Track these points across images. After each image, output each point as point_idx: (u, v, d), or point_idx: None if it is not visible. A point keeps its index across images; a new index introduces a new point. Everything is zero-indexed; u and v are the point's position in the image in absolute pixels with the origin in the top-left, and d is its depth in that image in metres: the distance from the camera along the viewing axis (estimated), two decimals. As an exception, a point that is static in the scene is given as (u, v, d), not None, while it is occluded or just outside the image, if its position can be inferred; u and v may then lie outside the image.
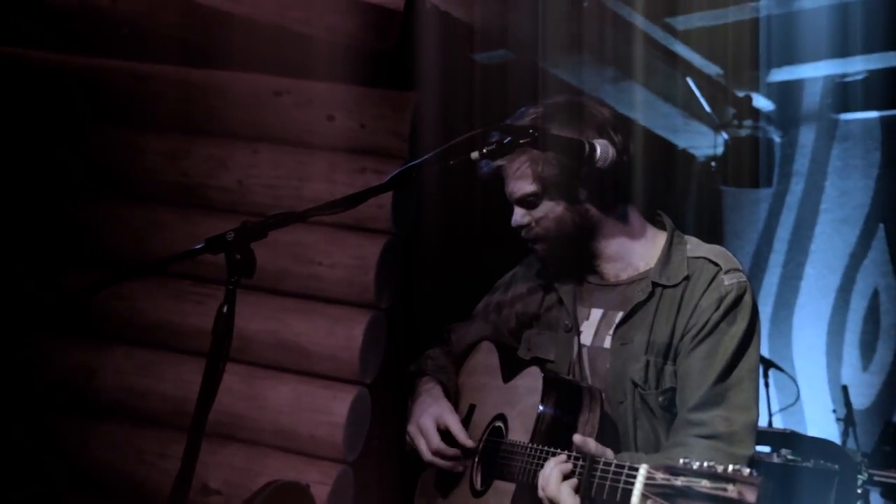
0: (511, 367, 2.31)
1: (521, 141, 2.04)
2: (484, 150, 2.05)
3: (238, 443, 3.42)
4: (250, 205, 3.50)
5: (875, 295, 5.22)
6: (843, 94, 5.43)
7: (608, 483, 1.76)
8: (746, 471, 1.48)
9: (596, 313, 2.25)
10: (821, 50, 4.99)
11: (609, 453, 1.91)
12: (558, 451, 1.94)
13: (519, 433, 2.11)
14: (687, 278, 2.16)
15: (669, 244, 2.23)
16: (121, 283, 2.03)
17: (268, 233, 1.85)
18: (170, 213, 3.62)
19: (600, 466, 1.80)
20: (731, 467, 1.50)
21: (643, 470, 1.63)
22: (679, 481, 1.54)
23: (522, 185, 2.17)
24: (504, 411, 2.23)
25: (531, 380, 2.16)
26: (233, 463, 3.37)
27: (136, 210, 3.67)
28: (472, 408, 2.39)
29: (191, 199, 3.61)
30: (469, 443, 2.22)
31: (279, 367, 3.45)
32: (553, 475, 1.88)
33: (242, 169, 3.55)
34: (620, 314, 2.20)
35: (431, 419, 2.26)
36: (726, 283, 2.12)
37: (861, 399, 4.93)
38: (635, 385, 2.13)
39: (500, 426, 2.23)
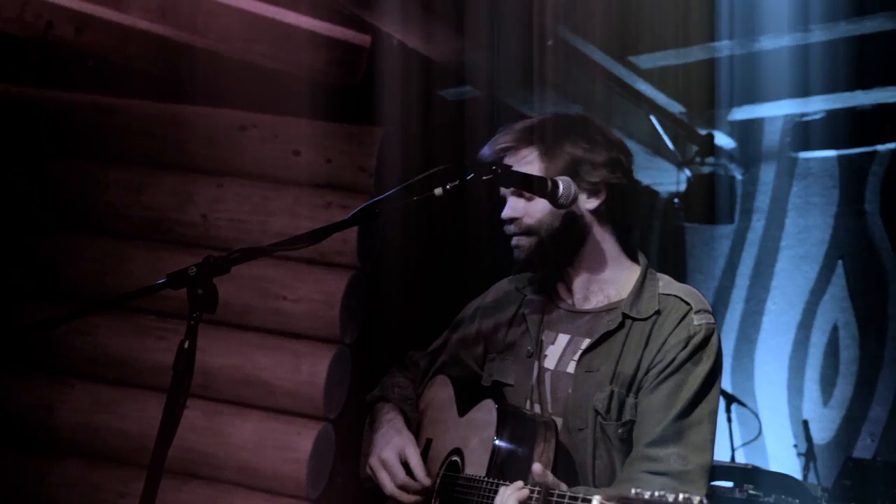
0: (466, 401, 2.30)
1: (483, 178, 2.08)
2: (447, 187, 2.07)
3: (200, 480, 3.38)
4: (215, 239, 3.49)
5: (834, 330, 5.29)
6: (803, 132, 5.53)
7: None
8: (696, 499, 1.49)
9: (563, 339, 2.26)
10: (781, 90, 5.08)
11: (563, 486, 1.91)
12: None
13: (475, 467, 2.11)
14: (658, 313, 2.17)
15: (643, 278, 2.24)
16: (81, 318, 2.01)
17: (231, 268, 1.84)
18: (133, 248, 3.60)
19: (555, 496, 1.80)
20: (681, 496, 1.50)
21: (596, 500, 1.64)
22: None
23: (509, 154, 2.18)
24: (460, 446, 2.23)
25: (486, 413, 2.16)
26: (195, 501, 3.33)
27: (98, 244, 3.64)
28: (429, 442, 2.38)
29: (155, 233, 3.59)
30: (426, 481, 2.19)
31: (243, 402, 3.42)
32: (509, 501, 1.88)
33: (207, 203, 3.54)
34: (587, 341, 2.20)
35: (394, 452, 2.24)
36: (695, 322, 2.14)
37: (822, 434, 4.98)
38: (597, 414, 2.12)
39: (456, 461, 2.22)
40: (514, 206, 2.19)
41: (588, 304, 2.26)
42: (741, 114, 5.42)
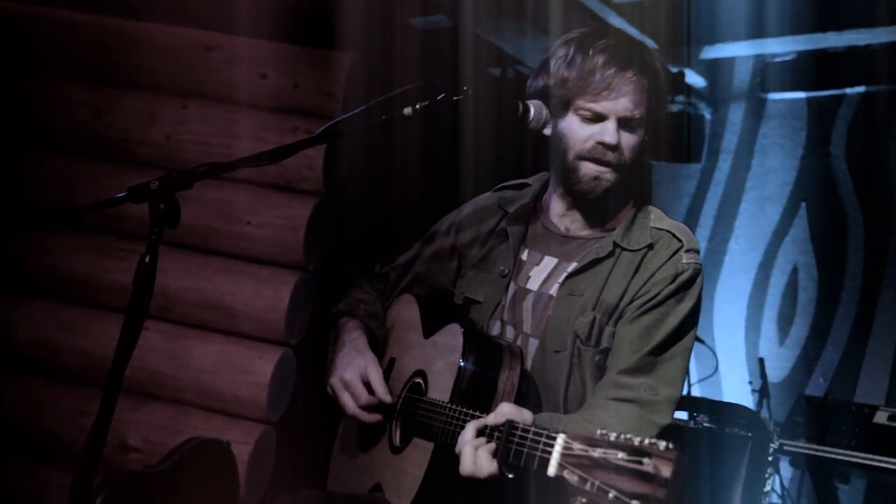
0: (432, 322, 2.30)
1: (454, 98, 2.06)
2: (417, 106, 2.05)
3: (159, 401, 3.39)
4: (179, 161, 3.43)
5: (794, 271, 5.36)
6: (773, 73, 5.52)
7: (525, 450, 1.76)
8: (663, 444, 1.49)
9: (549, 261, 2.26)
10: (753, 29, 5.06)
11: (527, 415, 1.92)
12: (477, 413, 1.94)
13: (438, 391, 2.12)
14: (650, 247, 2.18)
15: (636, 210, 2.25)
16: (41, 232, 1.98)
17: (193, 183, 1.82)
18: (95, 167, 3.54)
19: (518, 433, 1.80)
20: (647, 440, 1.50)
21: (560, 440, 1.64)
22: (596, 452, 1.55)
23: (636, 106, 2.13)
24: (424, 368, 2.23)
25: (451, 337, 2.16)
26: (153, 421, 3.34)
27: (60, 163, 3.58)
28: (392, 361, 2.38)
29: (117, 153, 3.53)
30: (388, 399, 2.21)
31: (204, 326, 3.42)
32: (471, 440, 1.88)
33: (171, 125, 3.48)
34: (574, 265, 2.21)
35: (357, 373, 2.24)
36: (684, 260, 2.16)
37: (776, 372, 5.07)
38: (577, 338, 2.14)
39: (419, 382, 2.23)
40: (616, 134, 2.13)
41: (579, 230, 2.27)
42: (712, 52, 5.40)
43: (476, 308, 2.31)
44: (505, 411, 1.88)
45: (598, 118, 2.12)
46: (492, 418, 1.88)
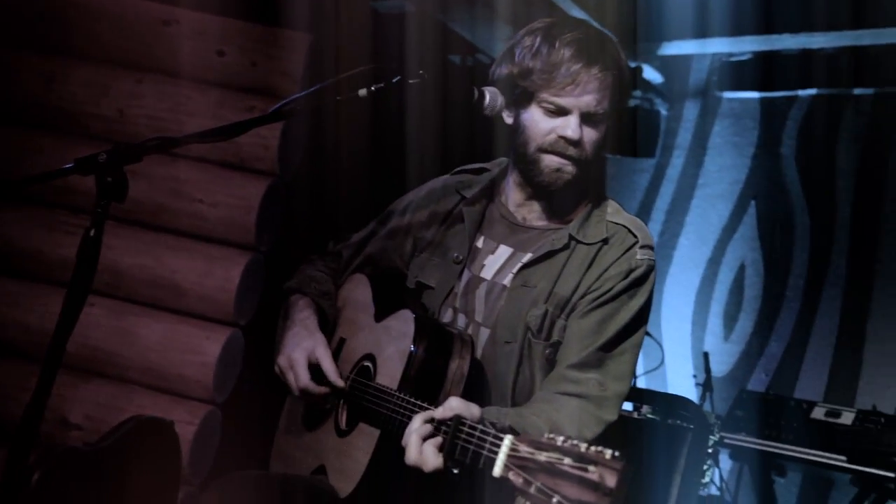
0: (384, 305, 2.30)
1: (409, 81, 2.06)
2: (372, 88, 2.05)
3: (104, 379, 3.35)
4: (131, 135, 3.38)
5: (742, 268, 5.44)
6: (729, 72, 5.59)
7: (472, 448, 1.76)
8: (609, 453, 1.49)
9: (504, 251, 2.26)
10: (711, 27, 5.12)
11: (475, 410, 1.91)
12: (425, 405, 1.94)
13: (387, 377, 2.12)
14: (605, 241, 2.19)
15: (593, 202, 2.26)
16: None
17: (142, 157, 1.79)
18: (45, 139, 3.48)
19: (465, 429, 1.80)
20: (594, 449, 1.51)
21: (507, 441, 1.65)
22: (542, 456, 1.55)
23: (599, 102, 2.12)
24: (373, 351, 2.23)
25: (402, 323, 2.16)
26: (96, 399, 3.30)
27: (8, 133, 3.51)
28: (342, 342, 2.37)
29: (68, 125, 3.47)
30: (339, 383, 2.20)
31: (152, 303, 3.38)
32: (419, 432, 1.88)
33: (124, 98, 3.43)
34: (529, 255, 2.21)
35: (304, 354, 2.23)
36: (638, 256, 2.18)
37: (720, 366, 5.16)
38: (528, 330, 2.15)
39: (368, 366, 2.22)
40: (578, 129, 2.12)
41: (536, 220, 2.26)
42: (670, 49, 5.45)
43: (428, 293, 2.31)
44: (453, 406, 1.88)
45: (562, 112, 2.11)
46: (440, 412, 1.87)
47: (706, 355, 4.67)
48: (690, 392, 4.66)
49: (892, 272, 5.06)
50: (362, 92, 2.02)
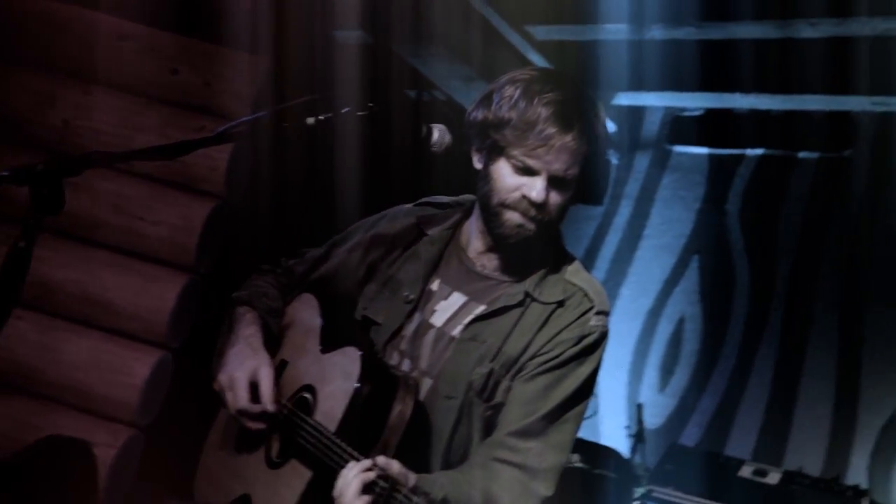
0: (331, 336, 2.22)
1: (358, 113, 2.03)
2: (321, 117, 2.02)
3: (25, 395, 3.25)
4: (74, 147, 3.33)
5: (681, 321, 5.48)
6: (680, 127, 5.67)
7: None
8: None
9: (457, 298, 2.20)
10: (666, 81, 5.20)
11: (412, 479, 1.88)
12: (362, 457, 1.89)
13: (326, 417, 2.06)
14: (561, 303, 2.13)
15: (553, 259, 2.20)
16: None
17: (82, 170, 1.73)
18: (-16, 146, 3.41)
19: (400, 497, 1.77)
20: None
21: None
22: None
23: (569, 167, 2.05)
24: (315, 384, 2.16)
25: (348, 361, 2.09)
26: (14, 415, 3.20)
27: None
28: (284, 364, 2.29)
29: (9, 133, 3.40)
30: (272, 409, 2.11)
31: (82, 320, 3.31)
32: (352, 485, 1.83)
33: (71, 109, 3.38)
34: (482, 308, 2.15)
35: (246, 374, 2.12)
36: (592, 322, 2.12)
37: (654, 419, 5.16)
38: (471, 388, 2.10)
39: (307, 398, 2.16)
40: (545, 192, 2.05)
41: (493, 271, 2.21)
42: (625, 99, 5.51)
43: (375, 329, 2.25)
44: (394, 469, 1.84)
45: (529, 172, 2.05)
46: (376, 472, 1.83)
47: (640, 406, 4.68)
48: (623, 442, 4.66)
49: (824, 335, 5.14)
50: (310, 120, 2.00)
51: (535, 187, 2.05)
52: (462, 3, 4.21)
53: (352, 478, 1.84)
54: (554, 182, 2.06)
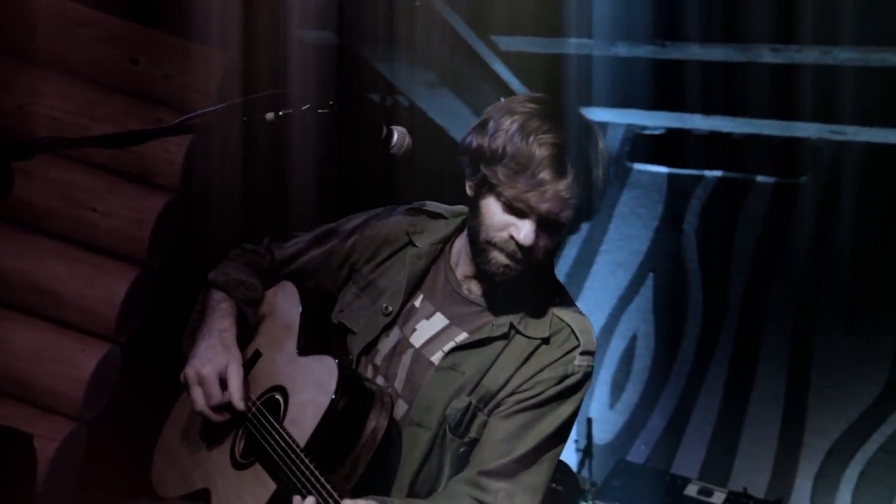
0: (310, 338, 2.16)
1: (319, 111, 1.99)
2: (280, 113, 1.97)
3: (-35, 383, 3.18)
4: (29, 133, 3.25)
5: (633, 338, 5.52)
6: (641, 145, 5.71)
7: None
8: None
9: (439, 320, 2.13)
10: (629, 99, 5.23)
11: None
12: (331, 489, 1.84)
13: (296, 427, 1.99)
14: (546, 341, 2.07)
15: (540, 292, 2.13)
16: None
17: (33, 155, 1.68)
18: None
19: None
20: None
21: None
22: None
23: (561, 210, 1.96)
24: (288, 388, 2.09)
25: (326, 374, 2.01)
26: (-47, 405, 3.12)
27: None
28: (257, 355, 2.23)
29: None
30: (241, 406, 2.05)
31: (28, 310, 3.23)
32: None
33: (26, 95, 3.30)
34: (464, 336, 2.09)
35: (216, 371, 2.05)
36: (576, 362, 2.06)
37: (603, 434, 5.19)
38: (446, 422, 2.04)
39: (278, 401, 2.09)
40: (534, 236, 1.97)
41: (479, 297, 2.13)
42: (588, 114, 5.53)
43: (350, 336, 2.18)
44: None
45: (519, 213, 1.97)
46: None
47: (590, 421, 4.69)
48: (571, 457, 4.67)
49: (774, 358, 5.20)
50: (269, 115, 1.96)
51: (523, 230, 1.97)
52: (428, 10, 4.20)
53: None
54: (544, 225, 1.98)
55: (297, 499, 1.85)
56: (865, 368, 4.93)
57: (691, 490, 4.05)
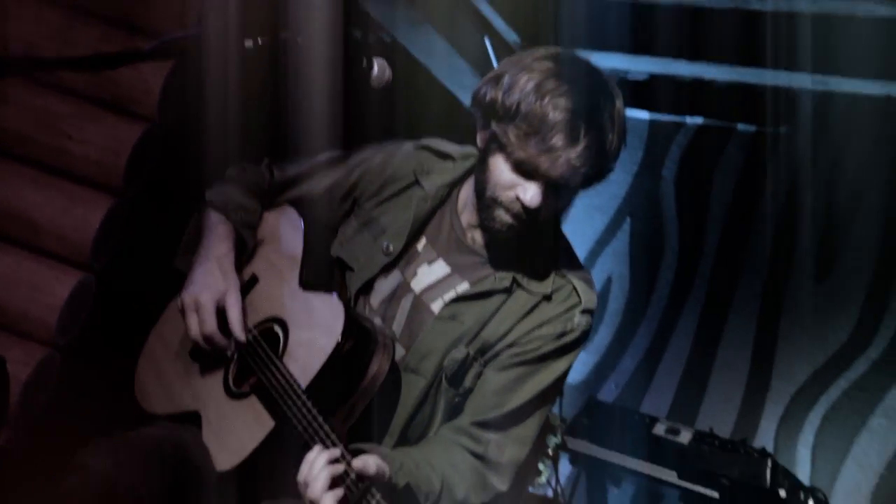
0: (312, 272, 2.13)
1: (297, 39, 1.97)
2: (259, 41, 1.92)
3: (-64, 308, 3.18)
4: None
5: (609, 281, 5.56)
6: (623, 89, 5.68)
7: None
8: None
9: (441, 267, 2.13)
10: (613, 42, 5.20)
11: (385, 470, 1.83)
12: (335, 438, 1.83)
13: (298, 366, 1.98)
14: (548, 298, 2.07)
15: (545, 246, 2.14)
16: None
17: (5, 74, 1.69)
18: None
19: (375, 500, 1.74)
20: None
21: None
22: None
23: (571, 176, 1.94)
24: (288, 321, 2.07)
25: (329, 312, 2.00)
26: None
27: None
28: (254, 280, 2.20)
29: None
30: (242, 338, 2.03)
31: (2, 236, 3.22)
32: (321, 477, 1.77)
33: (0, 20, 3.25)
34: (465, 286, 2.10)
35: (213, 298, 2.04)
36: (576, 320, 2.08)
37: (574, 374, 5.19)
38: (443, 373, 2.05)
39: (277, 334, 2.07)
40: (540, 197, 1.96)
41: (483, 247, 2.13)
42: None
43: (349, 274, 2.17)
44: (370, 469, 1.79)
45: (527, 174, 1.95)
46: (344, 465, 1.78)
47: (562, 361, 4.74)
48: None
49: (747, 304, 5.25)
50: (248, 43, 1.95)
51: (530, 192, 1.95)
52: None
53: (319, 469, 1.78)
54: (552, 188, 1.96)
55: (316, 449, 1.84)
56: (835, 316, 5.00)
57: (659, 429, 4.11)
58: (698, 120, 5.57)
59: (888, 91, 5.02)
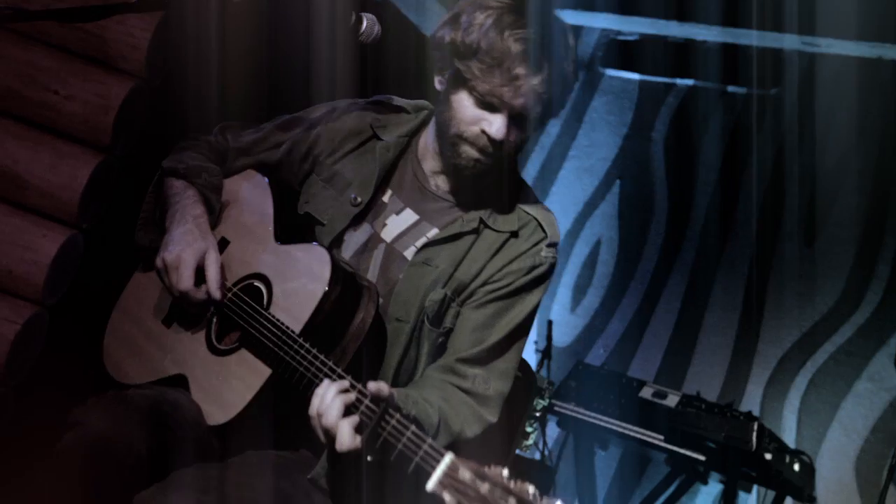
0: (285, 227, 2.16)
1: None
2: None
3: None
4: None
5: (598, 244, 5.56)
6: (614, 50, 5.66)
7: (399, 447, 1.71)
8: (558, 502, 1.50)
9: (409, 216, 2.17)
10: (604, 2, 5.16)
11: (397, 397, 1.85)
12: (339, 370, 1.85)
13: (287, 314, 1.99)
14: (515, 234, 2.13)
15: (508, 187, 2.18)
16: None
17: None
18: None
19: (393, 422, 1.74)
20: (544, 498, 1.51)
21: (448, 459, 1.62)
22: (484, 487, 1.54)
23: (533, 106, 2.01)
24: (269, 276, 2.09)
25: (315, 261, 2.03)
26: (-89, 285, 3.08)
27: None
28: (224, 242, 2.21)
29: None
30: (217, 295, 2.05)
31: (-12, 193, 3.18)
32: (335, 405, 1.78)
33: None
34: (435, 231, 2.14)
35: (194, 256, 2.06)
36: (543, 254, 2.14)
37: (562, 337, 5.27)
38: (424, 314, 2.10)
39: (260, 290, 2.09)
40: (505, 130, 2.01)
41: (447, 192, 2.18)
42: (565, 17, 5.46)
43: (319, 228, 2.20)
44: (384, 392, 1.78)
45: (491, 107, 2.01)
46: (355, 393, 1.79)
47: (550, 323, 4.76)
48: (531, 357, 4.75)
49: (734, 267, 5.28)
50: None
51: (495, 124, 2.01)
52: None
53: (332, 398, 1.79)
54: (515, 119, 2.02)
55: (325, 383, 1.84)
56: (822, 281, 5.03)
57: (646, 392, 4.14)
58: (689, 82, 5.55)
59: (879, 53, 5.01)
